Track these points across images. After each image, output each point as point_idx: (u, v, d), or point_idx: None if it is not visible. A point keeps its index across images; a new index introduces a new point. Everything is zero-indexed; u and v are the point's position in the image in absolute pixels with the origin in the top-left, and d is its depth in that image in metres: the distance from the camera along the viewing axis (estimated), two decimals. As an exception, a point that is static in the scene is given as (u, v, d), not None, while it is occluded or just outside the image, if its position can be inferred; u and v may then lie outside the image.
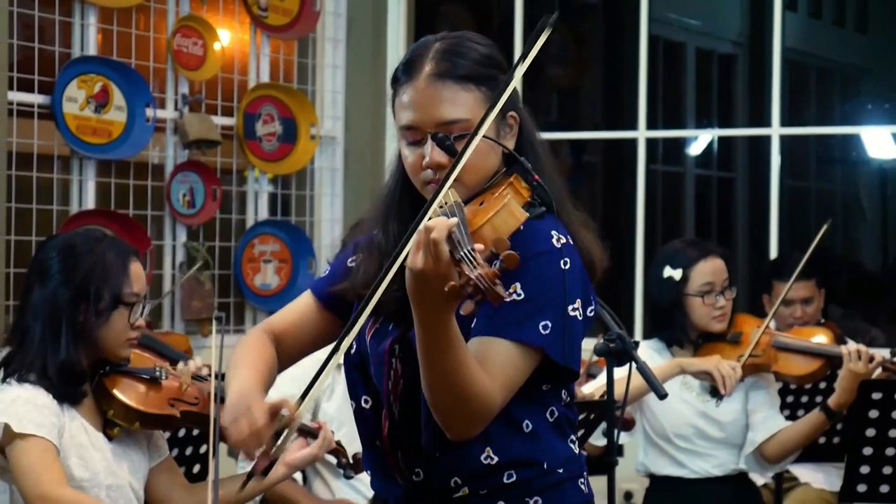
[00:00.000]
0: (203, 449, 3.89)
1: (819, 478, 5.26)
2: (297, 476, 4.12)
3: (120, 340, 3.35)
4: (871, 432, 4.35)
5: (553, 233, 2.38)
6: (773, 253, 6.20)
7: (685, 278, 4.46)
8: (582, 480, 2.51)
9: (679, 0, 16.23)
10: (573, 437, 2.51)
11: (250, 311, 6.24)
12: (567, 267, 2.37)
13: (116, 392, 3.34)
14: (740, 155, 17.24)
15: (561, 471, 2.46)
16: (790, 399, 4.97)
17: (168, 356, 4.14)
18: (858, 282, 6.24)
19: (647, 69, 6.41)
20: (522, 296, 2.32)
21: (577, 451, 2.51)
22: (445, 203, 2.25)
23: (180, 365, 3.66)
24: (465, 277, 2.06)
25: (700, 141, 15.03)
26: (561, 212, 2.42)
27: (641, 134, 6.42)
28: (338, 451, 3.83)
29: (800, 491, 5.28)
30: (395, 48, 6.73)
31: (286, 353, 2.64)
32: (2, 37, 5.09)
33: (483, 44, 2.46)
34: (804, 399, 4.99)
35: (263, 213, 6.28)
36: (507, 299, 2.21)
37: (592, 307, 2.46)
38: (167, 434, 3.60)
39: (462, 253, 2.09)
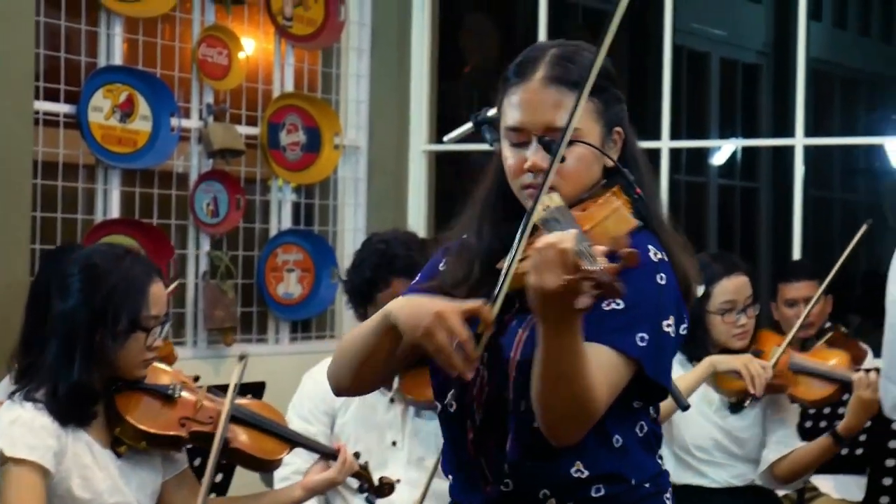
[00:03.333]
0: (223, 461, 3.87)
1: (841, 489, 5.25)
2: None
3: (135, 363, 3.32)
4: (893, 444, 4.34)
5: (650, 247, 2.37)
6: (797, 264, 6.18)
7: (706, 295, 4.44)
8: (667, 496, 2.50)
9: (703, 10, 16.22)
10: (660, 452, 2.51)
11: (273, 321, 6.26)
12: (663, 282, 2.36)
13: (125, 412, 3.31)
14: (764, 165, 17.22)
15: (648, 486, 2.45)
16: (809, 424, 4.94)
17: None
18: (878, 291, 6.21)
19: (671, 79, 6.41)
20: (622, 305, 2.29)
21: (663, 466, 2.51)
22: (549, 206, 2.26)
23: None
24: (583, 274, 2.04)
25: (724, 151, 15.06)
26: (659, 230, 2.42)
27: (665, 144, 6.41)
28: (360, 473, 3.80)
29: (821, 501, 5.27)
30: (420, 58, 6.74)
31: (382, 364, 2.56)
32: (28, 46, 5.12)
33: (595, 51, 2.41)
34: (822, 424, 4.96)
35: (287, 223, 6.29)
36: (607, 308, 2.22)
37: (686, 325, 2.43)
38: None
39: (580, 249, 2.06)
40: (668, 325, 2.35)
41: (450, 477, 2.53)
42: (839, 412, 4.85)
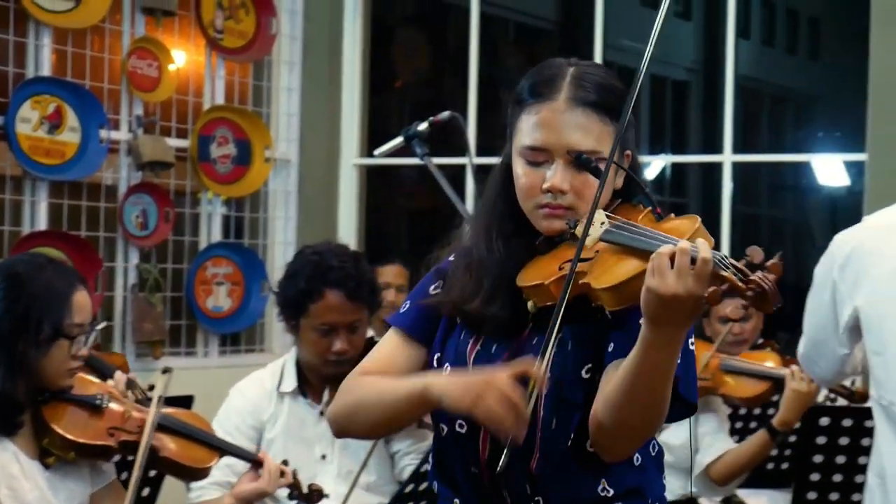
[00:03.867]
0: (152, 472, 3.86)
1: (767, 503, 5.29)
2: None
3: (60, 371, 3.29)
4: (818, 458, 4.39)
5: None
6: (725, 279, 6.23)
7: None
8: None
9: (633, 27, 16.32)
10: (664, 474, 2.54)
11: (202, 334, 6.23)
12: None
13: (52, 422, 3.29)
14: (693, 181, 17.35)
15: None
16: (739, 426, 5.01)
17: (98, 369, 4.10)
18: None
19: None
20: None
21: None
22: (595, 223, 2.26)
23: (118, 374, 3.62)
24: (728, 285, 2.05)
25: (653, 167, 15.15)
26: None
27: (595, 160, 6.44)
28: (291, 483, 3.80)
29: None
30: (351, 72, 6.75)
31: None
32: (-45, 56, 5.08)
33: (613, 76, 2.44)
34: (753, 424, 5.03)
35: (216, 236, 6.27)
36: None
37: (692, 340, 2.43)
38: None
39: (718, 259, 2.07)
40: (693, 344, 2.37)
41: (456, 502, 2.48)
42: (769, 413, 4.92)
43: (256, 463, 3.76)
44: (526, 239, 2.44)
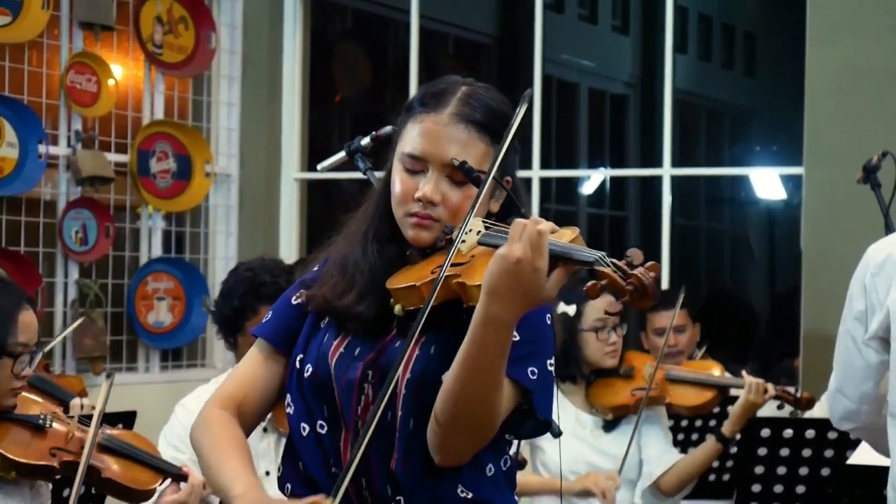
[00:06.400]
0: (83, 490, 3.82)
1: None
2: None
3: (2, 390, 3.27)
4: (759, 469, 4.42)
5: None
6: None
7: (579, 314, 4.52)
8: None
9: (572, 41, 16.40)
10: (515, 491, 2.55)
11: (143, 349, 6.20)
12: (549, 322, 2.42)
13: None
14: (632, 194, 17.44)
15: None
16: (684, 423, 5.06)
17: (57, 397, 4.09)
18: (738, 319, 6.38)
19: (540, 109, 6.48)
20: (518, 338, 2.31)
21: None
22: (472, 230, 2.31)
23: (74, 400, 3.62)
24: (606, 279, 2.14)
25: (593, 180, 15.20)
26: None
27: (535, 173, 6.47)
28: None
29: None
30: (291, 87, 6.74)
31: (251, 418, 2.56)
32: None
33: (501, 99, 2.49)
34: (697, 426, 5.08)
35: (157, 251, 6.25)
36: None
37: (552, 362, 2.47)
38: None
39: (598, 257, 2.17)
40: (551, 365, 2.40)
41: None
42: (710, 423, 4.97)
43: (180, 477, 3.73)
44: (399, 247, 2.48)
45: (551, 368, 2.40)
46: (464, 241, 2.31)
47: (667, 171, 6.36)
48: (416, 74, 6.61)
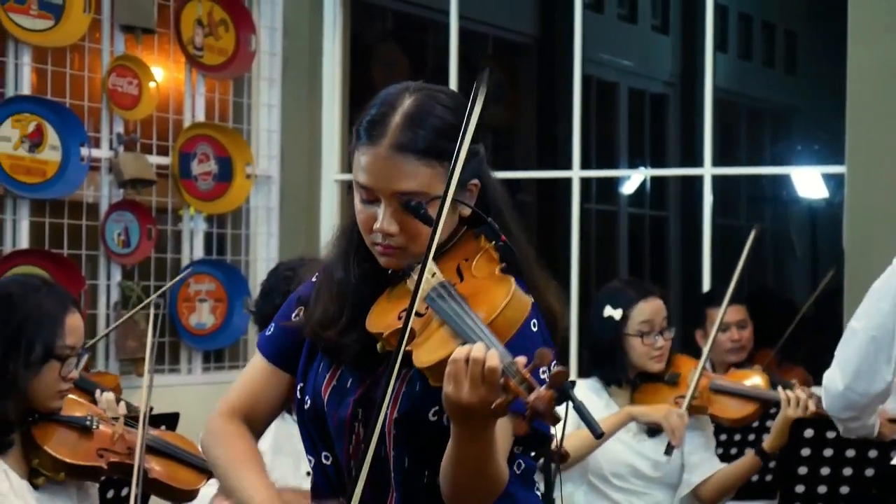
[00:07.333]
0: (125, 491, 3.85)
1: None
2: None
3: (50, 393, 3.30)
4: (803, 470, 4.40)
5: None
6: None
7: (625, 318, 4.50)
8: None
9: (612, 40, 16.37)
10: (537, 484, 2.53)
11: (185, 351, 6.22)
12: (536, 329, 2.37)
13: (43, 443, 3.30)
14: (672, 194, 17.39)
15: None
16: (723, 438, 5.02)
17: (84, 389, 4.10)
18: (781, 318, 6.35)
19: (580, 109, 6.46)
20: None
21: (540, 496, 2.53)
22: (426, 276, 2.25)
23: (106, 395, 3.62)
24: (513, 395, 2.08)
25: (633, 180, 15.17)
26: (526, 271, 2.41)
27: (575, 173, 6.46)
28: None
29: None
30: (331, 88, 6.75)
31: (258, 426, 2.59)
32: (-65, 76, 5.07)
33: (452, 107, 2.38)
34: (737, 437, 5.04)
35: (199, 253, 6.27)
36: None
37: (554, 361, 2.46)
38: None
39: (506, 365, 2.10)
40: (545, 372, 2.34)
41: None
42: (749, 437, 4.93)
43: None
44: (379, 266, 2.43)
45: (544, 376, 2.33)
46: (422, 288, 2.25)
47: (707, 171, 6.33)
48: (455, 75, 6.61)
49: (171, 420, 4.13)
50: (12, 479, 3.27)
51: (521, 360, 2.10)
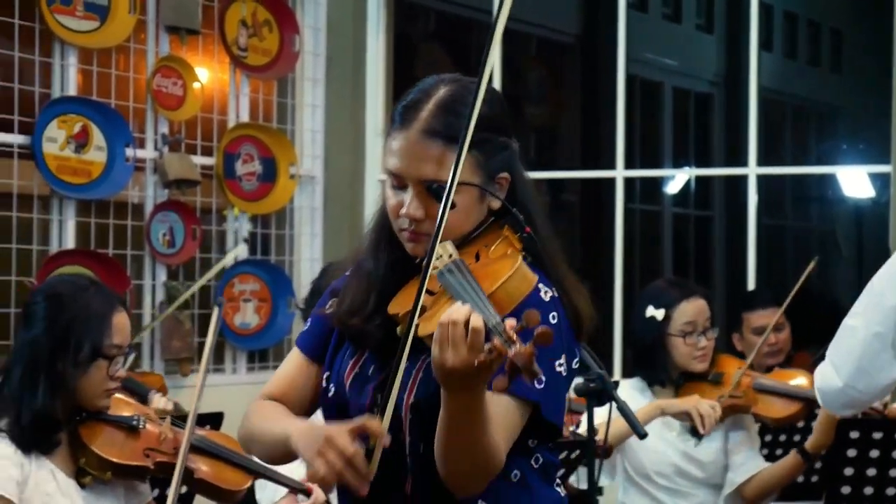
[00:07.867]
0: (183, 489, 3.86)
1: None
2: None
3: (98, 391, 3.32)
4: (849, 471, 4.36)
5: (540, 285, 2.37)
6: (751, 291, 6.22)
7: (667, 318, 4.48)
8: None
9: (656, 40, 16.33)
10: (558, 479, 2.52)
11: (230, 351, 6.24)
12: (555, 321, 2.36)
13: (90, 442, 3.31)
14: (717, 194, 17.34)
15: None
16: (768, 438, 4.98)
17: (135, 391, 4.13)
18: (834, 319, 6.30)
19: (624, 108, 6.45)
20: None
21: (562, 493, 2.52)
22: (443, 255, 2.27)
23: (156, 398, 3.65)
24: (496, 353, 2.06)
25: (677, 180, 15.14)
26: (550, 267, 2.41)
27: (619, 173, 6.44)
28: None
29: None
30: (374, 88, 6.76)
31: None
32: (-18, 77, 5.11)
33: (485, 98, 2.32)
34: (782, 438, 5.01)
35: (243, 253, 6.29)
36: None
37: (577, 358, 2.45)
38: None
39: (492, 325, 2.08)
40: (561, 365, 2.36)
41: None
42: (794, 438, 4.89)
43: (294, 489, 3.74)
44: (408, 256, 2.44)
45: (561, 368, 2.37)
46: (436, 268, 2.26)
47: (752, 171, 6.31)
48: (499, 75, 6.60)
49: (215, 420, 4.14)
50: (59, 479, 3.28)
51: (511, 321, 2.09)
